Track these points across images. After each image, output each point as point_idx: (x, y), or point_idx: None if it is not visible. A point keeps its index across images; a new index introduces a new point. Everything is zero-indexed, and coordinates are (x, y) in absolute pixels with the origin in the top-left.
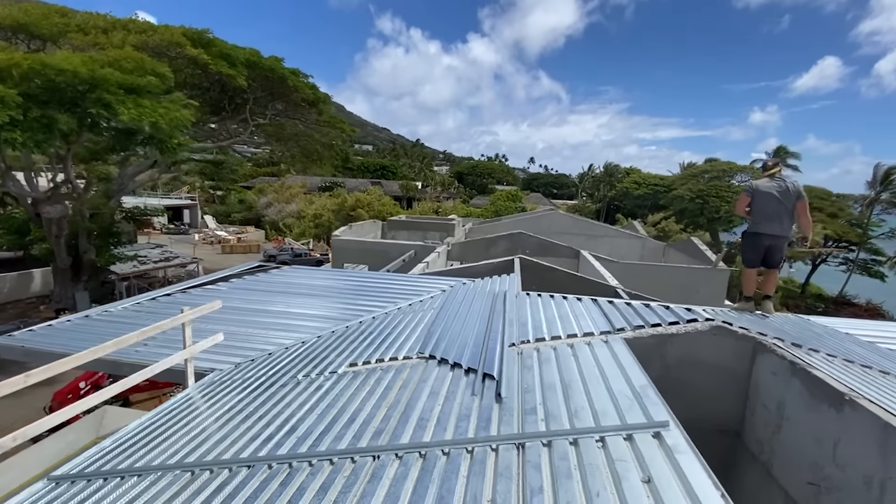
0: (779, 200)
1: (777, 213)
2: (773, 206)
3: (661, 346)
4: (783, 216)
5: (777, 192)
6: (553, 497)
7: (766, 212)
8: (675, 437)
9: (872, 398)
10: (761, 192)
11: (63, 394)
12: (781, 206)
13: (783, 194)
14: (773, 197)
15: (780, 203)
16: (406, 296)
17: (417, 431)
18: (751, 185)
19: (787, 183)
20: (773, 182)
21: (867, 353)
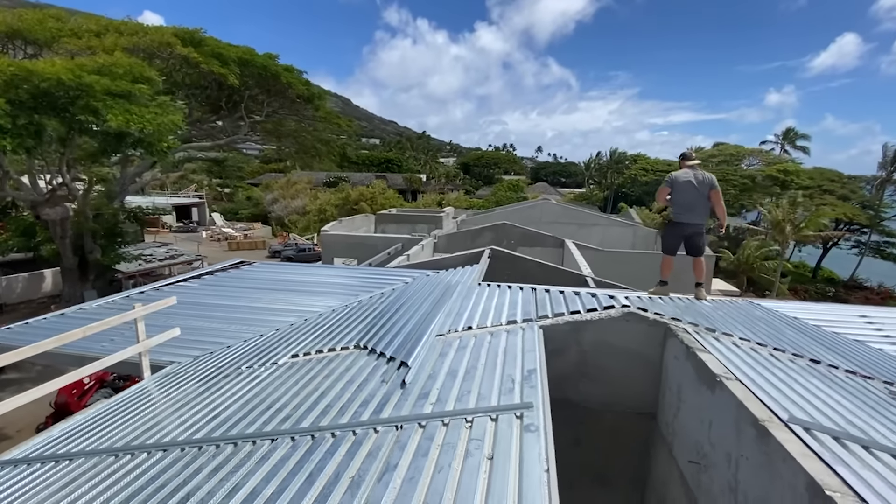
0: (696, 191)
1: (694, 202)
2: (690, 196)
3: (576, 333)
4: (699, 206)
5: (694, 182)
6: (404, 472)
7: (684, 202)
8: (535, 417)
9: (743, 379)
10: (679, 182)
11: (68, 389)
12: (698, 196)
13: (699, 185)
14: (690, 187)
15: (696, 193)
16: (368, 289)
17: (320, 416)
18: (670, 176)
19: (701, 174)
20: (690, 173)
21: (798, 336)
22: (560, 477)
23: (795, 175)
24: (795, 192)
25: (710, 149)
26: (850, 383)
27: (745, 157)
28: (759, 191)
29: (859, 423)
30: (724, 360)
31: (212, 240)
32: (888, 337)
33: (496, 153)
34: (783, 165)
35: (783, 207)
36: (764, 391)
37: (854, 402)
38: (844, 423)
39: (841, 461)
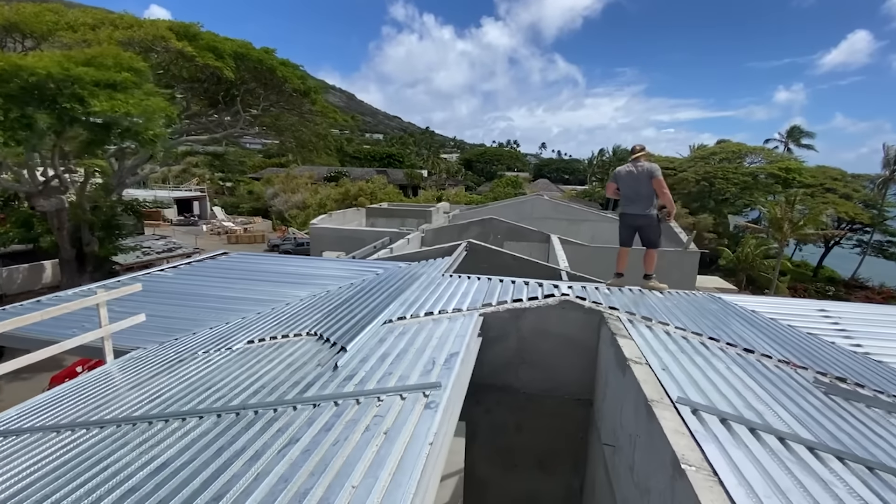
0: (636, 182)
1: (635, 194)
2: (631, 188)
3: (516, 320)
4: (640, 197)
5: (634, 173)
6: (304, 445)
7: (627, 194)
8: (439, 396)
9: (653, 363)
10: (622, 176)
11: (60, 378)
12: (639, 188)
13: (639, 176)
14: (631, 178)
15: (637, 185)
16: (339, 279)
17: (250, 396)
18: (615, 171)
19: (642, 165)
20: (631, 167)
21: (743, 328)
22: (503, 460)
23: (797, 173)
24: (796, 190)
25: (712, 146)
26: (776, 372)
27: (748, 154)
28: (760, 189)
29: (761, 408)
30: (642, 346)
31: (212, 233)
32: (843, 331)
33: (499, 149)
34: (785, 163)
35: (781, 206)
36: (669, 374)
37: (769, 388)
38: (744, 406)
39: (714, 439)
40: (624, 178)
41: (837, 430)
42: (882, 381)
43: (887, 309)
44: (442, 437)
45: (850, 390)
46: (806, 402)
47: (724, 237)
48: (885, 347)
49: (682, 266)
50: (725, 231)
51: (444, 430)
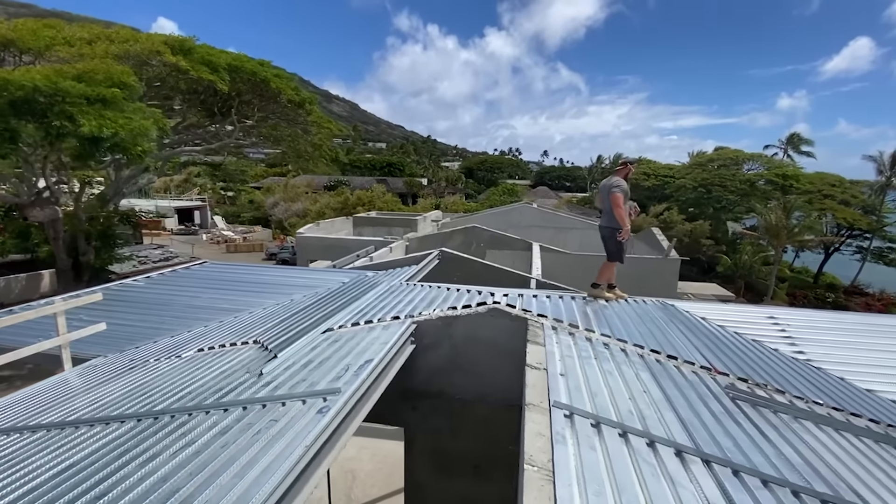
0: (604, 196)
1: (602, 206)
2: (601, 201)
3: (448, 327)
4: (605, 209)
5: (604, 187)
6: (196, 447)
7: (601, 206)
8: (334, 401)
9: (551, 368)
10: (599, 188)
11: None
12: (605, 201)
13: (604, 190)
14: (602, 192)
15: (604, 198)
16: (305, 288)
17: (176, 401)
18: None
19: (609, 179)
20: (606, 181)
21: (680, 335)
22: (440, 465)
23: (795, 179)
24: (794, 197)
25: (710, 153)
26: (690, 378)
27: (746, 161)
28: (758, 195)
29: (648, 413)
30: (549, 352)
31: (211, 242)
32: (788, 338)
33: (500, 157)
34: (782, 170)
35: (777, 212)
36: (564, 380)
37: (671, 394)
38: (630, 411)
39: (572, 442)
40: (599, 191)
41: (723, 434)
42: (807, 388)
43: (835, 315)
44: (324, 438)
45: (766, 396)
46: (704, 407)
47: (723, 244)
48: (827, 354)
49: (662, 273)
50: (724, 238)
51: (328, 433)
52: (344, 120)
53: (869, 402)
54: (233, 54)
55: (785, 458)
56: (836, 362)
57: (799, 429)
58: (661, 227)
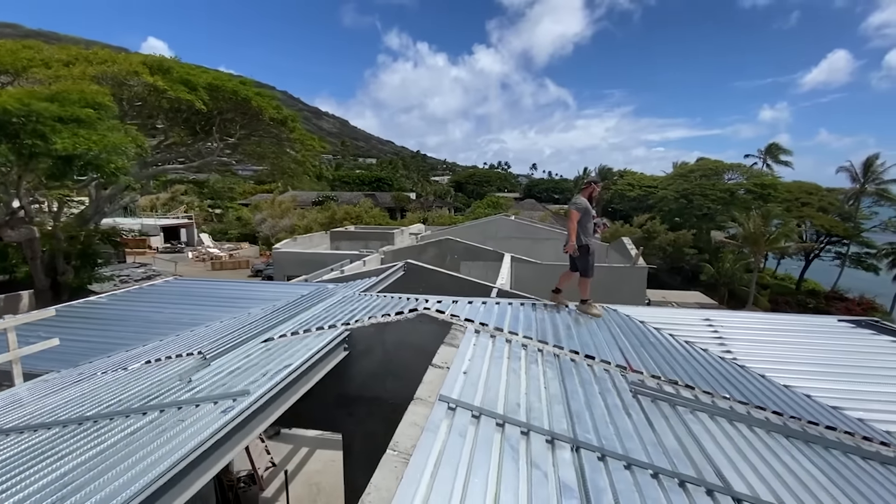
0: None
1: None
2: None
3: (380, 334)
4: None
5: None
6: (103, 448)
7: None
8: (241, 402)
9: (454, 367)
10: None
11: None
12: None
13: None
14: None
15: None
16: (264, 301)
17: (108, 407)
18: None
19: (573, 198)
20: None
21: (608, 337)
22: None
23: (773, 188)
24: (772, 206)
25: (692, 164)
26: (599, 375)
27: (726, 171)
28: (738, 204)
29: (538, 406)
30: (461, 353)
31: (197, 260)
32: (720, 338)
33: (489, 171)
34: (761, 179)
35: (754, 220)
36: (465, 376)
37: (571, 389)
38: (519, 404)
39: (444, 429)
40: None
41: (607, 425)
42: (719, 384)
43: (766, 316)
44: (221, 434)
45: (671, 392)
46: (600, 400)
47: (706, 253)
48: (752, 353)
49: (630, 281)
50: (707, 247)
51: (227, 430)
52: (333, 136)
53: (780, 396)
54: (212, 73)
55: (662, 445)
56: (760, 360)
57: (691, 420)
58: (644, 237)
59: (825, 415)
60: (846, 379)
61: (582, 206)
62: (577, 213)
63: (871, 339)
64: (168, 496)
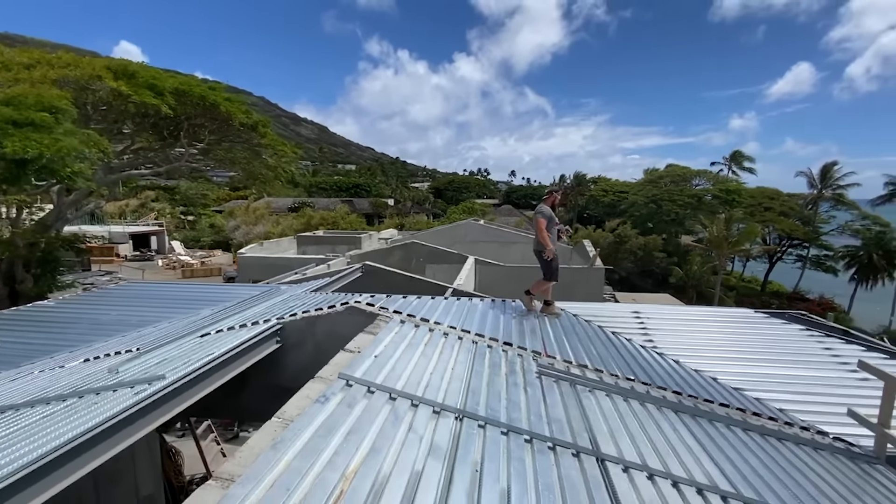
0: (532, 222)
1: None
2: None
3: (311, 327)
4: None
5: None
6: (9, 431)
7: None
8: (157, 385)
9: (371, 352)
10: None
11: None
12: (532, 226)
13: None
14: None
15: (532, 224)
16: (217, 302)
17: (31, 398)
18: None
19: (537, 207)
20: (536, 207)
21: (535, 328)
22: None
23: (738, 194)
24: (733, 210)
25: (661, 170)
26: (511, 359)
27: (693, 177)
28: (705, 209)
29: (436, 382)
30: (379, 339)
31: (167, 267)
32: (644, 329)
33: (468, 178)
34: (726, 185)
35: (718, 224)
36: (374, 360)
37: (478, 370)
38: (420, 382)
39: (336, 402)
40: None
41: (499, 399)
42: (628, 368)
43: (689, 309)
44: (129, 412)
45: (577, 374)
46: (502, 379)
47: (675, 256)
48: (671, 342)
49: (588, 282)
50: (676, 250)
51: (136, 409)
52: (312, 142)
53: (687, 378)
54: (179, 78)
55: (547, 416)
56: (677, 348)
57: (585, 397)
58: (616, 242)
59: (724, 394)
60: (751, 363)
61: (546, 214)
62: (544, 220)
63: (784, 328)
64: (73, 464)
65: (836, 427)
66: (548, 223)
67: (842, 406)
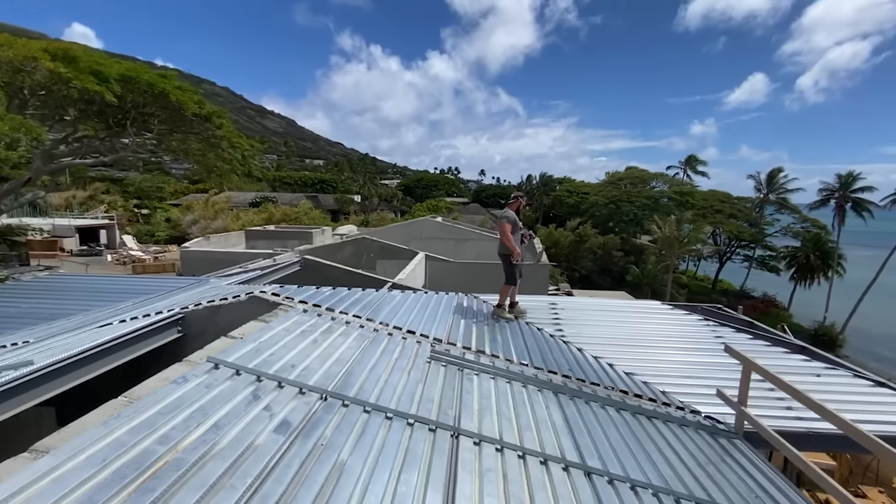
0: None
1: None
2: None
3: (213, 316)
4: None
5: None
6: None
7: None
8: (22, 370)
9: (252, 336)
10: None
11: None
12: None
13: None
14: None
15: (497, 228)
16: (137, 294)
17: None
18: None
19: (501, 212)
20: (499, 212)
21: (450, 318)
22: None
23: (691, 196)
24: (683, 212)
25: (621, 172)
26: (408, 345)
27: (651, 180)
28: (661, 210)
29: (315, 367)
30: (271, 325)
31: (117, 263)
32: (557, 320)
33: (438, 175)
34: (680, 188)
35: (669, 225)
36: (253, 345)
37: (370, 353)
38: (295, 365)
39: (195, 383)
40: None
41: (376, 381)
42: (525, 354)
43: (604, 302)
44: None
45: (471, 359)
46: (387, 364)
47: (632, 255)
48: (577, 332)
49: (535, 278)
50: (633, 250)
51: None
52: (279, 136)
53: (583, 364)
54: (126, 64)
55: (420, 395)
56: (584, 337)
57: (469, 379)
58: (576, 241)
59: (614, 378)
60: (647, 350)
61: (511, 218)
62: (508, 224)
63: (684, 318)
64: None
65: (710, 407)
66: (512, 227)
67: (716, 388)
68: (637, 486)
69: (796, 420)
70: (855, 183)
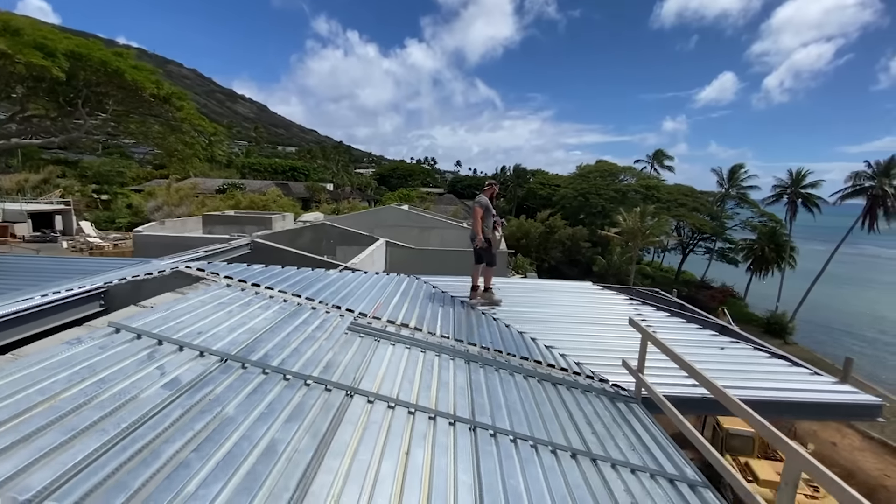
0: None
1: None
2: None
3: (136, 290)
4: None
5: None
6: None
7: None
8: None
9: (168, 307)
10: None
11: None
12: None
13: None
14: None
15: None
16: (84, 275)
17: None
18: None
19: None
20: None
21: (388, 295)
22: None
23: (657, 190)
24: (646, 205)
25: (591, 165)
26: (329, 318)
27: (620, 173)
28: (628, 203)
29: (222, 334)
30: (184, 297)
31: (73, 250)
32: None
33: (413, 165)
34: (647, 182)
35: (633, 217)
36: (160, 314)
37: (284, 326)
38: (202, 331)
39: (94, 345)
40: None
41: (283, 349)
42: (448, 329)
43: (538, 282)
44: None
45: (392, 331)
46: (302, 334)
47: (599, 246)
48: (511, 310)
49: None
50: (600, 241)
51: None
52: (250, 121)
53: (507, 338)
54: (77, 40)
55: (327, 362)
56: (513, 315)
57: (383, 348)
58: (546, 231)
59: (533, 350)
60: (570, 326)
61: (484, 204)
62: (481, 209)
63: (612, 298)
64: None
65: (618, 376)
66: (484, 213)
67: (622, 359)
68: (539, 443)
69: (693, 387)
70: (804, 179)
